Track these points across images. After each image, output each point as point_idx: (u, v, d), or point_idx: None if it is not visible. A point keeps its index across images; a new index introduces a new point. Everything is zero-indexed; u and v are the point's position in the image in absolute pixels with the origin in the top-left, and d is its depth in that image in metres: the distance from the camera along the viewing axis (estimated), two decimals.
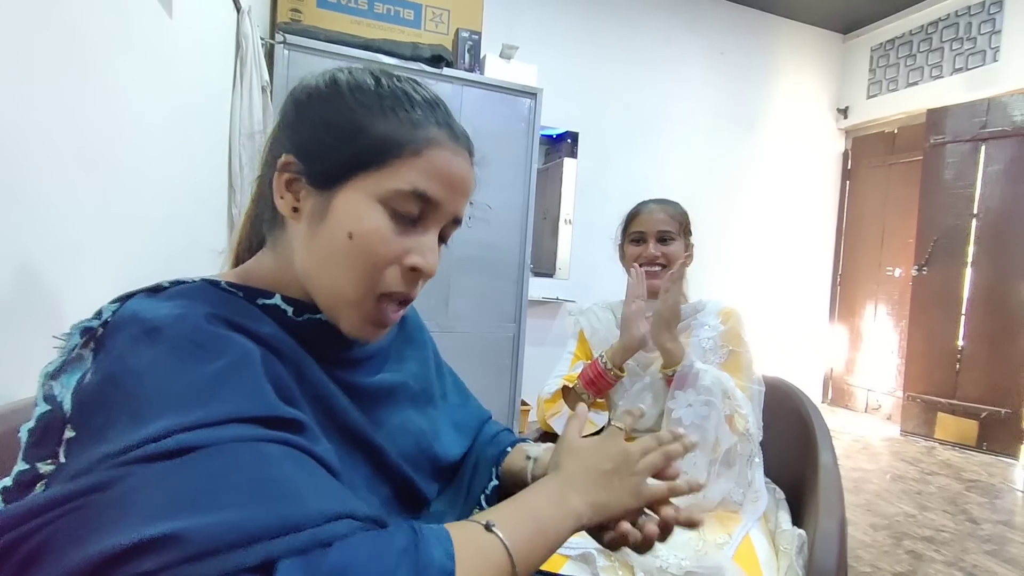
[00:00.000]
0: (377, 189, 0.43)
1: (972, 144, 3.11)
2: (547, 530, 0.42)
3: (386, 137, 0.43)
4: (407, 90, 0.46)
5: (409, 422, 0.54)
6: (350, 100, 0.44)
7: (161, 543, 0.26)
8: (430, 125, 0.45)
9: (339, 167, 0.43)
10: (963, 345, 3.11)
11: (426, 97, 0.47)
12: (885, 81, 3.69)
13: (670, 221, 1.08)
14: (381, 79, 0.46)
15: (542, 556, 0.42)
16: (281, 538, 0.29)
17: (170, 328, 0.36)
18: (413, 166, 0.44)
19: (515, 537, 0.39)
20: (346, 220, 0.43)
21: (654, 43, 3.37)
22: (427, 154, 0.44)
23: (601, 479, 0.47)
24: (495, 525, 0.39)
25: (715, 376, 0.92)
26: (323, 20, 2.10)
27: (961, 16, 3.26)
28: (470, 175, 0.48)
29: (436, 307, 2.16)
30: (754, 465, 0.95)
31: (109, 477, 0.29)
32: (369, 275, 0.43)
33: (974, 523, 2.08)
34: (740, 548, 0.84)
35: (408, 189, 0.43)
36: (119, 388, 0.34)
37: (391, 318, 0.46)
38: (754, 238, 3.73)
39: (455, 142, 0.46)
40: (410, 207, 0.44)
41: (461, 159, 0.47)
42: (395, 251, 0.44)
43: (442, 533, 0.36)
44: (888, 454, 2.93)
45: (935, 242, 3.22)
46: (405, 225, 0.44)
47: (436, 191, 0.45)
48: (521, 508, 0.43)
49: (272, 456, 0.32)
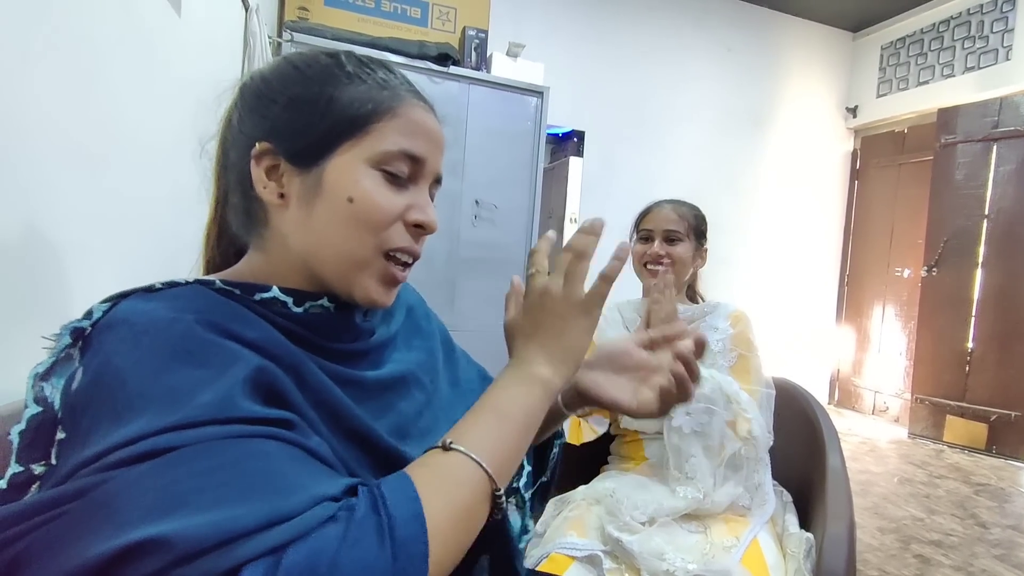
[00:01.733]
0: (366, 154, 0.44)
1: (984, 144, 3.08)
2: (514, 415, 0.40)
3: (360, 102, 0.44)
4: (364, 59, 0.47)
5: (419, 412, 0.53)
6: (312, 74, 0.45)
7: (145, 548, 0.26)
8: (396, 85, 0.46)
9: (321, 140, 0.44)
10: (973, 347, 3.08)
11: (382, 63, 0.48)
12: (895, 80, 3.65)
13: (678, 221, 1.08)
14: (338, 54, 0.47)
15: (520, 445, 0.40)
16: (266, 533, 0.28)
17: (159, 331, 0.35)
18: (394, 127, 0.44)
19: (479, 443, 0.37)
20: (343, 187, 0.43)
21: (661, 40, 3.35)
22: (403, 113, 0.45)
23: (544, 331, 0.44)
24: (453, 441, 0.37)
25: (715, 383, 0.91)
26: (330, 18, 2.10)
27: (973, 14, 3.23)
28: (440, 128, 0.49)
29: (442, 306, 2.16)
30: (762, 468, 0.94)
31: (89, 482, 0.29)
32: (376, 233, 0.44)
33: (983, 527, 2.06)
34: (748, 551, 0.83)
35: (395, 150, 0.44)
36: (103, 390, 0.33)
37: (400, 275, 0.47)
38: (761, 237, 3.70)
39: (422, 99, 0.47)
40: (400, 167, 0.45)
41: (432, 115, 0.48)
42: (397, 208, 0.45)
43: (401, 478, 0.34)
44: (896, 456, 2.90)
45: (945, 243, 3.19)
46: (399, 185, 0.45)
47: (421, 148, 0.46)
48: (478, 408, 0.41)
49: (255, 451, 0.32)
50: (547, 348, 0.44)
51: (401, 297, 0.60)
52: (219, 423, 0.32)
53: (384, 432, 0.47)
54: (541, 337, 0.45)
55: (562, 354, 0.44)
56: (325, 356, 0.45)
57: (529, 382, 0.43)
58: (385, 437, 0.46)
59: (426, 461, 0.37)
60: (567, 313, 0.45)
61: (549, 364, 0.44)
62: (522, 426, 0.41)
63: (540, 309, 0.45)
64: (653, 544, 0.80)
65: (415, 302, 0.62)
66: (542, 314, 0.45)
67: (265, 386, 0.37)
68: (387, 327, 0.55)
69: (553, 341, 0.44)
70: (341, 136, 0.43)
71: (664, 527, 0.86)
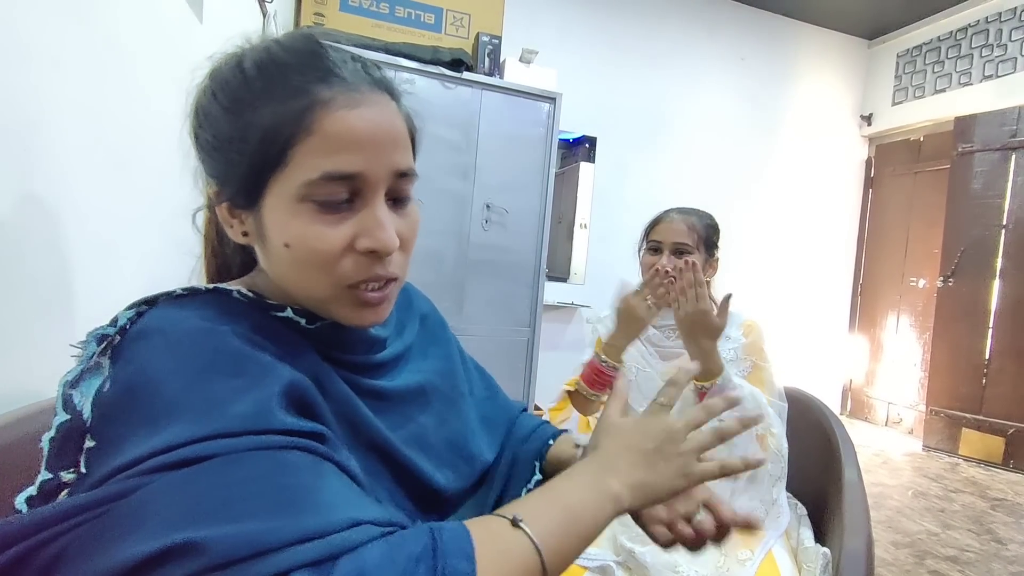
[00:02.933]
0: (291, 188, 0.38)
1: (1002, 153, 3.03)
2: (582, 519, 0.39)
3: (270, 128, 0.38)
4: (274, 57, 0.39)
5: (440, 421, 0.53)
6: (225, 103, 0.40)
7: (182, 552, 0.26)
8: (311, 86, 0.38)
9: (248, 182, 0.39)
10: (990, 359, 3.02)
11: (297, 51, 0.40)
12: (911, 88, 3.61)
13: (688, 233, 1.05)
14: (243, 60, 0.40)
15: (577, 549, 0.38)
16: (298, 547, 0.28)
17: (195, 342, 0.36)
18: (312, 149, 0.38)
19: (544, 531, 0.36)
20: (278, 232, 0.40)
21: (674, 48, 3.35)
22: (319, 126, 0.38)
23: (642, 458, 0.43)
24: (522, 520, 0.36)
25: (751, 391, 0.90)
26: (345, 24, 2.12)
27: (991, 22, 3.19)
28: (385, 118, 0.40)
29: (451, 310, 2.16)
30: (779, 484, 0.93)
31: (127, 486, 0.29)
32: (326, 273, 0.40)
33: (1000, 543, 2.01)
34: (763, 565, 0.82)
35: (317, 176, 0.38)
36: (138, 398, 0.33)
37: (376, 298, 0.42)
38: (774, 245, 3.67)
39: (350, 90, 0.39)
40: (332, 191, 0.39)
41: (365, 107, 0.39)
42: (339, 243, 0.39)
43: (462, 532, 0.34)
44: (910, 469, 2.85)
45: (962, 253, 3.14)
46: (340, 211, 0.39)
47: (349, 163, 0.38)
48: (552, 497, 0.39)
49: (291, 463, 0.32)
50: (636, 474, 0.42)
51: (415, 306, 0.60)
52: (255, 434, 0.32)
53: (402, 443, 0.47)
54: (636, 460, 0.43)
55: (645, 488, 0.42)
56: (345, 368, 0.45)
57: (605, 494, 0.41)
58: (402, 449, 0.46)
59: (488, 526, 0.36)
60: (673, 462, 0.43)
61: (629, 488, 0.42)
62: (585, 532, 0.39)
63: (652, 438, 0.44)
64: (666, 556, 0.79)
65: (428, 310, 0.62)
66: (651, 443, 0.44)
67: (298, 399, 0.37)
68: (402, 338, 0.55)
69: (645, 472, 0.43)
70: (263, 173, 0.39)
71: None
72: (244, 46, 0.42)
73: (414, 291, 0.63)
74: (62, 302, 0.63)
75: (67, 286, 0.64)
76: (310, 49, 0.40)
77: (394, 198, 0.43)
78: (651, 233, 1.10)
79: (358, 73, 0.41)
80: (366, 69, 0.42)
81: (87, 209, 0.68)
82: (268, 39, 0.42)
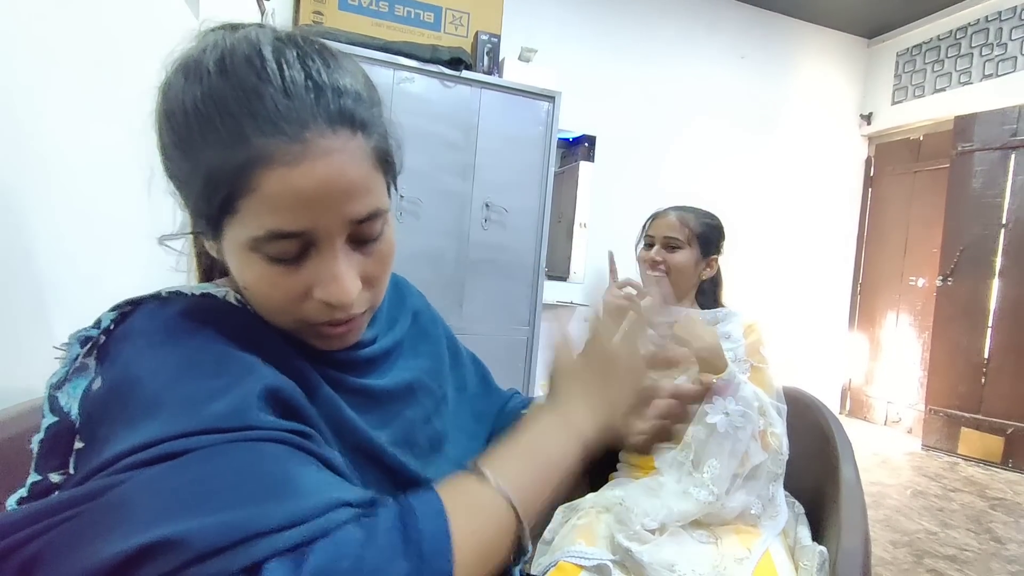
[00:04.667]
0: (241, 238, 0.36)
1: (1002, 152, 3.03)
2: (550, 462, 0.39)
3: (213, 177, 0.35)
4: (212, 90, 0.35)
5: (426, 420, 0.53)
6: (173, 136, 0.37)
7: (161, 548, 0.26)
8: (249, 135, 0.34)
9: (205, 219, 0.38)
10: (989, 358, 3.02)
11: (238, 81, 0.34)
12: (911, 87, 3.61)
13: (679, 228, 1.07)
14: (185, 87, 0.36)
15: (547, 488, 0.39)
16: (279, 534, 0.28)
17: (178, 342, 0.36)
18: (255, 205, 0.35)
19: (513, 479, 0.36)
20: (236, 270, 0.39)
21: (674, 47, 3.34)
22: (258, 183, 0.34)
23: (594, 385, 0.44)
24: (488, 471, 0.36)
25: (753, 389, 0.90)
26: (344, 22, 2.12)
27: (992, 21, 3.18)
28: (335, 169, 0.35)
29: (450, 309, 2.17)
30: (777, 481, 0.93)
31: (103, 484, 0.29)
32: (286, 313, 0.39)
33: (999, 543, 2.01)
34: (760, 564, 0.82)
35: (263, 235, 0.35)
36: (120, 398, 0.33)
37: (340, 332, 0.41)
38: (773, 244, 3.67)
39: (292, 141, 0.34)
40: (281, 249, 0.36)
41: (310, 161, 0.34)
42: (294, 292, 0.38)
43: (430, 495, 0.34)
44: (909, 469, 2.85)
45: (961, 252, 3.14)
46: (292, 264, 0.37)
47: (294, 222, 0.35)
48: (516, 445, 0.40)
49: (268, 453, 0.32)
50: (592, 403, 0.43)
51: (407, 302, 0.60)
52: (232, 431, 0.32)
53: (388, 443, 0.46)
54: (590, 391, 0.44)
55: (604, 411, 0.43)
56: (332, 366, 0.45)
57: (568, 430, 0.42)
58: (389, 448, 0.46)
59: (456, 484, 0.36)
60: (622, 375, 0.45)
61: (590, 417, 0.43)
62: (555, 472, 0.40)
63: (596, 362, 0.45)
64: (663, 555, 0.79)
65: (421, 307, 0.62)
66: (598, 368, 0.45)
67: (282, 402, 0.37)
68: (392, 334, 0.54)
69: (599, 398, 0.44)
70: (216, 215, 0.37)
71: (674, 537, 0.85)
72: (190, 52, 0.38)
73: (407, 286, 0.62)
74: (56, 299, 0.63)
75: (61, 283, 0.64)
76: (250, 80, 0.34)
77: (361, 239, 0.40)
78: (648, 228, 1.13)
79: (306, 111, 0.35)
80: (319, 97, 0.35)
81: (80, 207, 0.68)
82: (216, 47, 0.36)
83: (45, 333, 0.61)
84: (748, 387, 0.90)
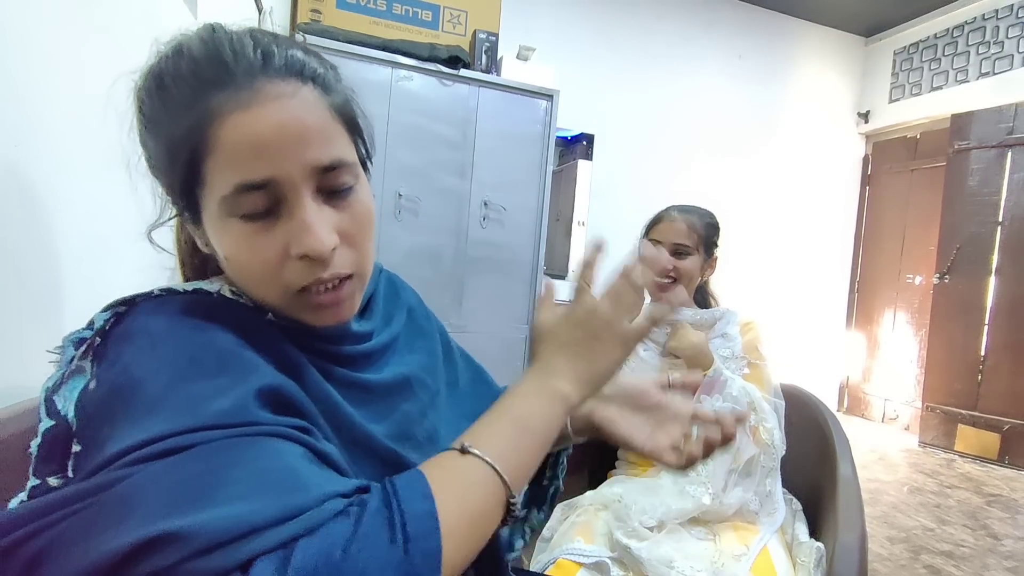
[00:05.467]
0: (215, 206, 0.38)
1: (998, 150, 3.04)
2: (533, 426, 0.39)
3: (176, 147, 0.37)
4: (171, 68, 0.37)
5: (422, 414, 0.53)
6: (144, 122, 0.39)
7: (164, 542, 0.26)
8: (203, 95, 0.36)
9: (183, 198, 0.39)
10: (986, 355, 3.04)
11: (193, 56, 0.37)
12: (908, 85, 3.62)
13: (688, 234, 1.05)
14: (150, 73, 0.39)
15: (536, 456, 0.39)
16: (271, 530, 0.28)
17: (179, 341, 0.36)
18: (218, 162, 0.36)
19: (496, 449, 0.36)
20: (218, 246, 0.40)
21: (672, 46, 3.35)
22: (216, 137, 0.36)
23: (577, 347, 0.43)
24: (470, 444, 0.36)
25: (742, 385, 0.91)
26: (342, 21, 2.11)
27: (988, 19, 3.19)
28: (288, 112, 0.37)
29: (449, 306, 2.17)
30: (773, 476, 0.93)
31: (109, 479, 0.29)
32: (271, 282, 0.40)
33: (995, 539, 2.02)
34: (758, 560, 0.82)
35: (230, 191, 0.36)
36: (121, 399, 0.33)
37: (329, 300, 0.41)
38: (771, 242, 3.68)
39: (241, 89, 0.36)
40: (251, 204, 0.37)
41: (260, 105, 0.36)
42: (273, 252, 0.38)
43: (414, 475, 0.34)
44: (906, 465, 2.87)
45: (958, 250, 3.15)
46: (268, 219, 0.38)
47: (255, 170, 0.36)
48: (498, 414, 0.40)
49: (270, 448, 0.32)
50: (575, 366, 0.43)
51: (402, 298, 0.60)
52: (236, 426, 0.32)
53: (385, 436, 0.47)
54: (573, 353, 0.43)
55: (589, 376, 0.43)
56: (330, 360, 0.45)
57: (550, 395, 0.42)
58: (386, 442, 0.46)
59: (440, 462, 0.37)
60: (607, 339, 0.44)
61: (574, 382, 0.42)
62: (539, 438, 0.40)
63: (580, 325, 0.44)
64: (662, 551, 0.79)
65: (415, 303, 0.62)
66: (581, 331, 0.44)
67: (283, 398, 0.37)
68: (389, 329, 0.55)
69: (584, 361, 0.43)
70: (190, 193, 0.39)
71: (672, 534, 0.85)
72: (161, 50, 0.40)
73: (401, 283, 0.63)
74: (54, 299, 0.63)
75: (58, 282, 0.64)
76: (205, 50, 0.37)
77: (330, 191, 0.40)
78: (651, 231, 1.10)
79: (255, 64, 0.37)
80: (267, 56, 0.37)
81: (80, 206, 0.68)
82: (175, 39, 0.39)
83: (46, 333, 0.61)
84: (736, 383, 0.91)
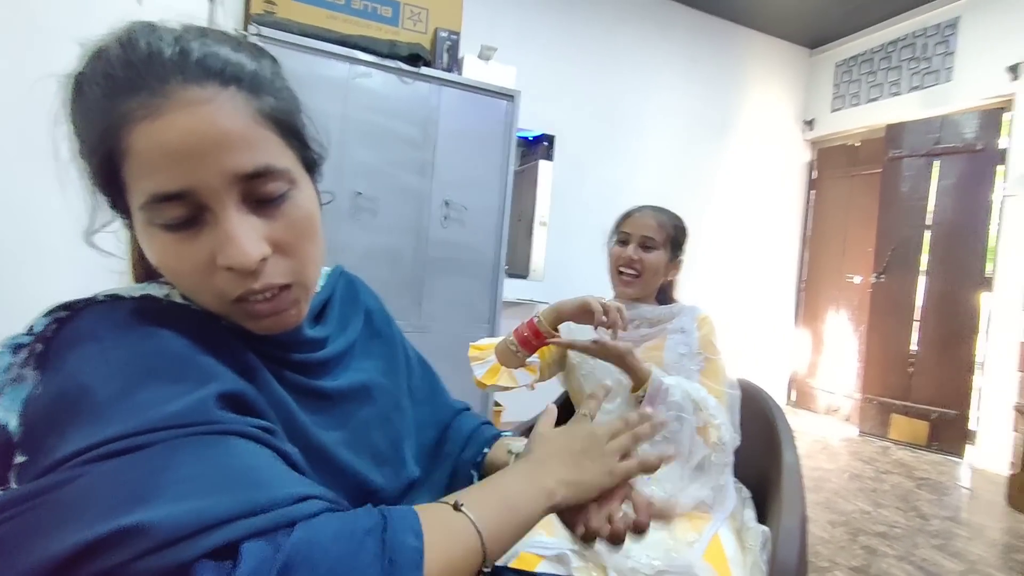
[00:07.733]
0: (139, 216, 0.37)
1: (926, 159, 3.28)
2: (518, 509, 0.42)
3: (93, 152, 0.36)
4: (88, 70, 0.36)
5: (384, 419, 0.53)
6: (70, 125, 0.38)
7: (125, 535, 0.26)
8: (115, 99, 0.34)
9: (113, 205, 0.39)
10: (916, 350, 3.27)
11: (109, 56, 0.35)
12: (848, 96, 3.85)
13: (657, 229, 1.09)
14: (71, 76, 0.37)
15: (513, 535, 0.41)
16: (245, 520, 0.28)
17: (131, 347, 0.35)
18: (132, 170, 0.35)
19: (485, 516, 0.39)
20: (147, 253, 0.39)
21: (631, 49, 3.43)
22: (128, 145, 0.34)
23: (571, 459, 0.47)
24: (464, 505, 0.38)
25: (684, 390, 0.93)
26: (298, 13, 2.06)
27: (918, 37, 3.43)
28: (200, 118, 0.34)
29: (409, 307, 2.15)
30: (726, 470, 0.97)
31: (63, 477, 0.28)
32: (204, 290, 0.38)
33: (923, 519, 2.18)
34: (709, 546, 0.86)
35: (146, 200, 0.35)
36: (71, 406, 0.32)
37: (266, 309, 0.39)
38: (723, 243, 3.83)
39: (153, 95, 0.34)
40: (169, 214, 0.35)
41: (171, 113, 0.34)
42: (200, 261, 0.36)
43: (410, 513, 0.35)
44: (846, 454, 3.05)
45: (892, 251, 3.38)
46: (191, 228, 0.36)
47: (169, 180, 0.34)
48: (492, 489, 0.43)
49: (230, 446, 0.32)
50: (566, 470, 0.46)
51: (360, 300, 0.59)
52: (195, 425, 0.32)
53: (338, 444, 0.47)
54: (565, 459, 0.47)
55: (575, 483, 0.46)
56: (286, 366, 0.45)
57: (539, 487, 0.44)
58: (337, 451, 0.46)
59: (434, 511, 0.38)
60: (598, 462, 0.48)
61: (561, 484, 0.45)
62: (521, 519, 0.42)
63: (578, 441, 0.49)
64: None
65: (374, 307, 0.61)
66: (578, 445, 0.48)
67: (244, 405, 0.37)
68: (345, 334, 0.54)
69: (573, 469, 0.47)
70: (110, 194, 0.38)
71: None
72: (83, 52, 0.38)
73: (361, 285, 0.62)
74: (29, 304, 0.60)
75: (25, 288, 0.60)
76: (120, 54, 0.35)
77: (259, 199, 0.38)
78: (622, 225, 1.13)
79: (168, 68, 0.34)
80: (185, 58, 0.35)
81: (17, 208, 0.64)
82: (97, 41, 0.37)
83: None
84: (677, 390, 0.92)
